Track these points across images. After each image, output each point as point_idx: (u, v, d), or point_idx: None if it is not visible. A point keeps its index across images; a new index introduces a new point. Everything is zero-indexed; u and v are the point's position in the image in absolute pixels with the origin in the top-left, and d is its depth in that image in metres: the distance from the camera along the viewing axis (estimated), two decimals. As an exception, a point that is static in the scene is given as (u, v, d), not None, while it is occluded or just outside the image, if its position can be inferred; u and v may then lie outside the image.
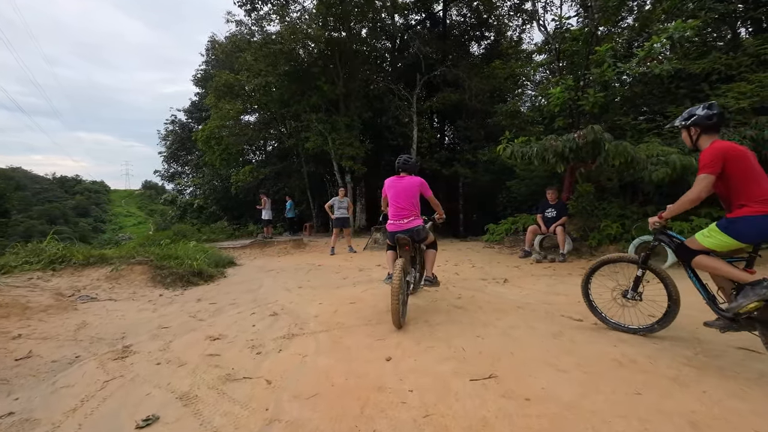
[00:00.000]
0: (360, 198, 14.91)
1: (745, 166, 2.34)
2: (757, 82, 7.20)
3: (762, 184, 2.31)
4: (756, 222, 2.25)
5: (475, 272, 6.08)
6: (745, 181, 2.32)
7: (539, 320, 3.48)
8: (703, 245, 2.46)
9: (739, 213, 2.31)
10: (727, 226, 2.35)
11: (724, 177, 2.37)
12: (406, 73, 15.18)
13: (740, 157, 2.34)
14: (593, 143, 5.75)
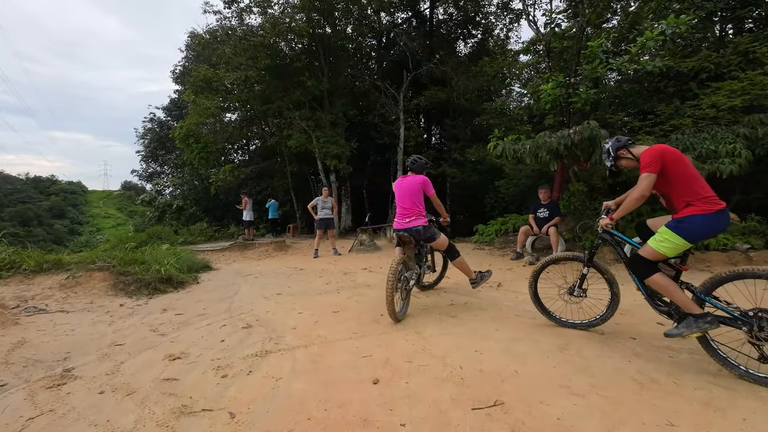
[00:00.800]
0: (345, 198, 14.49)
1: (684, 165, 2.41)
2: (747, 80, 7.12)
3: (704, 184, 2.38)
4: (704, 221, 2.29)
5: (464, 276, 5.74)
6: (686, 180, 2.37)
7: (541, 330, 3.16)
8: (658, 252, 2.40)
9: (687, 212, 2.33)
10: (676, 226, 2.35)
11: (664, 177, 2.41)
12: (393, 71, 14.85)
13: (677, 158, 2.41)
14: (589, 140, 5.51)
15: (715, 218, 2.29)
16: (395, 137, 13.49)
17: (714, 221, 2.30)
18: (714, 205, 2.30)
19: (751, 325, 2.17)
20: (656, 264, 2.46)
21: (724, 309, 2.29)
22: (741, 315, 2.23)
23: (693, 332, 2.27)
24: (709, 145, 6.35)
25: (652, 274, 2.41)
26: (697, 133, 6.82)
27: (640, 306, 3.55)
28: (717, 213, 2.29)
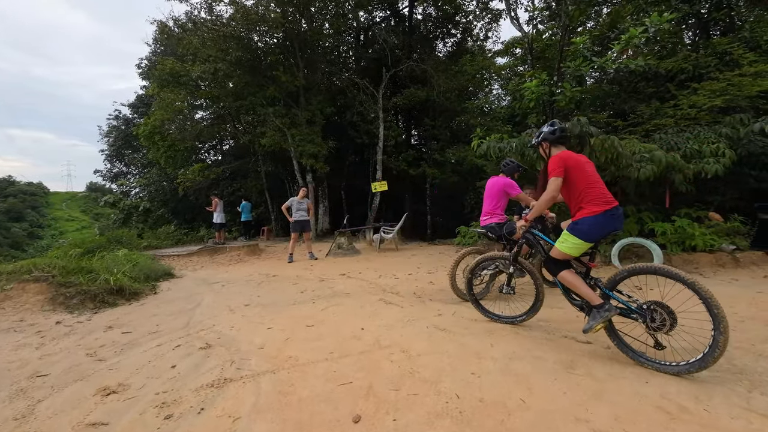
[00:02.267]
0: (323, 199, 13.97)
1: (583, 172, 2.60)
2: (726, 80, 7.13)
3: (597, 188, 2.56)
4: (593, 221, 2.49)
5: (452, 281, 5.40)
6: (582, 185, 2.57)
7: (542, 346, 2.82)
8: (563, 252, 2.61)
9: (580, 215, 2.55)
10: (573, 228, 2.56)
11: (566, 183, 2.62)
12: (372, 68, 14.46)
13: (578, 165, 2.62)
14: (579, 137, 5.28)
15: (604, 218, 2.48)
16: (374, 136, 13.10)
17: (604, 221, 2.49)
18: (602, 206, 2.49)
19: (645, 317, 2.39)
20: (565, 262, 2.69)
21: (624, 302, 2.50)
22: (637, 308, 2.44)
23: (598, 322, 2.45)
24: (693, 144, 6.28)
25: (561, 272, 2.66)
26: (680, 133, 6.77)
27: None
28: (605, 213, 2.48)
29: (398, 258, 7.94)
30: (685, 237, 5.75)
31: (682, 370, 2.22)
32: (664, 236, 5.84)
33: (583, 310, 2.68)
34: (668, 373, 2.27)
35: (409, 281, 5.47)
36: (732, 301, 3.78)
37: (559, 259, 2.68)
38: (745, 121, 6.44)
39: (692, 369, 2.19)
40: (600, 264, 6.17)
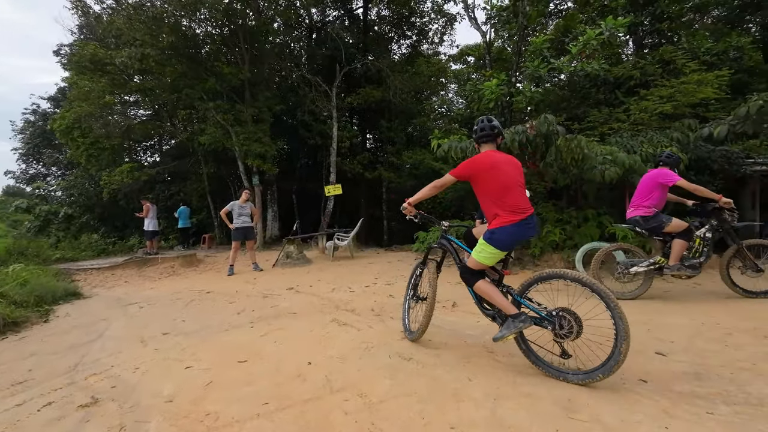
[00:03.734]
0: (272, 204, 12.97)
1: (499, 178, 2.44)
2: (672, 87, 7.35)
3: (513, 196, 2.44)
4: (508, 231, 2.40)
5: (414, 293, 4.88)
6: (497, 191, 2.44)
7: (526, 377, 2.33)
8: (480, 262, 2.50)
9: (495, 224, 2.44)
10: (489, 237, 2.45)
11: (478, 187, 2.55)
12: (325, 66, 13.77)
13: (494, 168, 2.45)
14: (545, 137, 5.01)
15: (519, 227, 2.41)
16: (328, 137, 12.39)
17: (519, 230, 2.42)
18: (518, 215, 2.40)
19: (554, 324, 2.29)
20: (480, 272, 2.58)
21: (534, 309, 2.41)
22: (547, 315, 2.35)
23: (512, 332, 2.35)
24: (647, 148, 6.31)
25: (477, 282, 2.53)
26: (635, 137, 6.82)
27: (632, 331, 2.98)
28: (520, 222, 2.41)
29: (354, 267, 7.31)
30: (644, 241, 5.69)
31: (586, 378, 2.17)
32: (624, 240, 5.75)
33: (495, 320, 2.57)
34: (573, 383, 2.19)
35: (366, 295, 4.86)
36: (709, 309, 3.60)
37: (475, 269, 2.55)
38: (693, 126, 6.61)
39: (595, 377, 2.13)
40: (563, 269, 5.98)
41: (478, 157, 2.53)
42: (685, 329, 3.03)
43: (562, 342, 2.29)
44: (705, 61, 8.34)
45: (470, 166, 2.51)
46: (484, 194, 2.51)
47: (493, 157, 2.49)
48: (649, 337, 2.88)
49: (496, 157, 2.51)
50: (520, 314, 2.37)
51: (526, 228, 2.43)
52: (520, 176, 2.55)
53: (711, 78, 7.11)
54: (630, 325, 3.22)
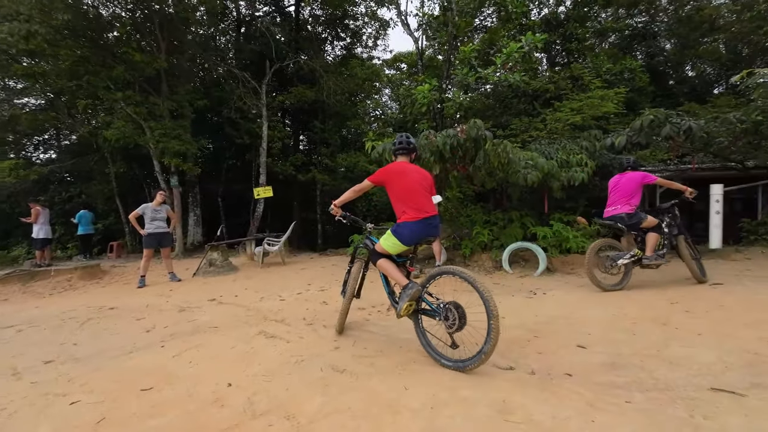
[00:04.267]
0: (194, 207, 11.91)
1: (405, 182, 2.80)
2: (580, 101, 8.16)
3: (417, 198, 2.77)
4: (410, 226, 2.73)
5: (349, 298, 4.71)
6: (404, 193, 2.79)
7: (465, 379, 2.30)
8: (384, 248, 2.83)
9: (401, 219, 2.77)
10: (395, 230, 2.78)
11: (389, 190, 2.87)
12: (254, 62, 13.06)
13: (401, 174, 2.83)
14: (474, 141, 5.18)
15: (420, 225, 2.72)
16: (257, 136, 11.73)
17: (420, 227, 2.73)
18: (421, 214, 2.72)
19: (440, 316, 2.51)
20: (383, 255, 2.86)
21: (427, 302, 2.68)
22: (436, 307, 2.58)
23: (405, 301, 2.61)
24: (562, 155, 6.88)
25: (379, 260, 2.85)
26: (551, 144, 7.41)
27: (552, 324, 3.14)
28: (422, 220, 2.72)
29: (285, 273, 6.92)
30: (561, 240, 6.18)
31: (468, 365, 2.35)
32: (545, 240, 6.19)
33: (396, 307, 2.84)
34: (459, 370, 2.39)
35: (298, 303, 4.58)
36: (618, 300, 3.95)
37: (379, 252, 2.87)
38: (599, 136, 7.37)
39: (475, 363, 2.32)
40: (492, 269, 6.26)
41: (390, 165, 2.91)
42: (600, 321, 3.27)
43: (452, 333, 2.48)
44: (606, 79, 9.41)
45: (383, 172, 2.87)
46: (394, 196, 2.84)
47: (402, 166, 2.88)
48: (571, 330, 3.05)
49: (405, 166, 2.90)
50: (408, 283, 2.66)
51: (428, 226, 2.76)
52: (426, 183, 2.91)
53: (611, 94, 8.02)
54: (553, 320, 3.43)
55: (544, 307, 3.85)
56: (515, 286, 5.07)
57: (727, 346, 2.52)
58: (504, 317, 3.49)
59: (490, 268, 6.17)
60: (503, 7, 8.45)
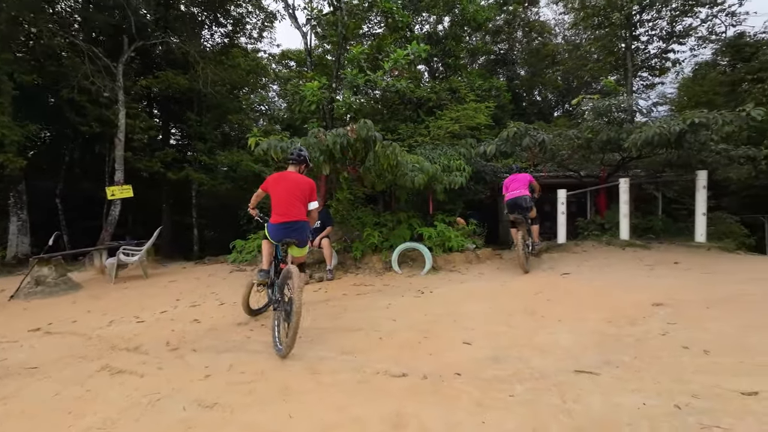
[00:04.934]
0: (18, 210, 9.32)
1: (278, 190, 3.32)
2: (458, 111, 8.92)
3: (283, 204, 3.26)
4: (272, 227, 3.28)
5: (226, 313, 4.14)
6: (275, 199, 3.30)
7: (355, 395, 2.12)
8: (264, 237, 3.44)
9: (270, 220, 3.33)
10: (267, 226, 3.35)
11: (270, 196, 3.38)
12: (108, 36, 10.92)
13: (275, 183, 3.36)
14: (364, 141, 5.12)
15: (279, 227, 3.24)
16: (111, 125, 9.80)
17: (278, 229, 3.25)
18: (281, 218, 3.22)
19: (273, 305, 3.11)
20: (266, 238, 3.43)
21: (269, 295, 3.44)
22: (273, 299, 3.22)
23: (256, 280, 3.40)
24: (443, 160, 7.36)
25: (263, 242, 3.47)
26: (434, 150, 7.88)
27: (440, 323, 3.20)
28: (280, 224, 3.23)
29: (147, 289, 5.84)
30: (444, 239, 6.57)
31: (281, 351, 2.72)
32: (430, 240, 6.50)
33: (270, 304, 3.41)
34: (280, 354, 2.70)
35: (160, 324, 3.83)
36: (493, 293, 4.30)
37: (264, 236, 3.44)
38: (473, 145, 8.13)
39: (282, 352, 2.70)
40: (382, 270, 6.30)
41: (272, 175, 3.43)
42: (481, 315, 3.48)
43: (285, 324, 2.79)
44: (478, 94, 10.50)
45: (266, 181, 3.43)
46: (271, 201, 3.32)
47: (282, 175, 3.38)
48: (457, 327, 3.16)
49: (285, 175, 3.38)
50: (261, 270, 3.36)
51: (286, 230, 3.24)
52: (298, 191, 3.31)
53: (483, 107, 8.95)
54: (440, 318, 3.52)
55: (432, 306, 3.96)
56: (404, 286, 5.16)
57: (581, 329, 2.89)
58: (395, 320, 3.48)
59: (380, 270, 6.21)
60: (390, 16, 8.74)
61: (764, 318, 2.88)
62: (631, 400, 1.83)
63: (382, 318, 3.56)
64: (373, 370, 2.40)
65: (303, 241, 3.33)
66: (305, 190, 3.34)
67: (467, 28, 11.70)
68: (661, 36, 14.08)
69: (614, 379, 2.08)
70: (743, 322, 2.82)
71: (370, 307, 4.05)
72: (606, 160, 8.33)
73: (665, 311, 3.21)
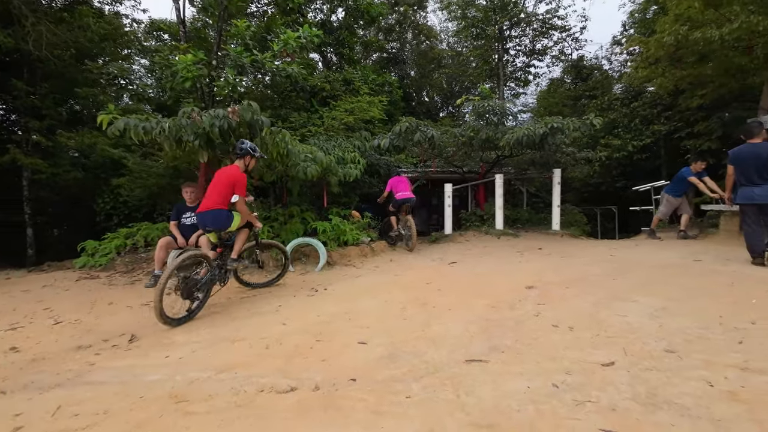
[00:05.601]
0: None
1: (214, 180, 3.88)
2: (352, 103, 8.82)
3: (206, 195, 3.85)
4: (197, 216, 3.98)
5: (62, 335, 3.26)
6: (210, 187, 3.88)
7: (226, 425, 1.78)
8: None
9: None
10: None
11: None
12: None
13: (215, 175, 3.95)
14: (249, 126, 4.57)
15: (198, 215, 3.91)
16: None
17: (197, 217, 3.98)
18: (200, 209, 3.82)
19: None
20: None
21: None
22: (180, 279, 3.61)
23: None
24: (338, 152, 7.17)
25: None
26: (328, 141, 7.63)
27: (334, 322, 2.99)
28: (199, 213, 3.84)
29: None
30: (339, 233, 6.40)
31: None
32: (324, 234, 6.26)
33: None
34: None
35: None
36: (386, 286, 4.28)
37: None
38: (367, 138, 8.12)
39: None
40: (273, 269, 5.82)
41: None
42: (376, 311, 3.39)
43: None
44: (372, 88, 10.58)
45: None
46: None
47: (221, 169, 3.94)
48: (352, 326, 3.00)
49: (222, 169, 3.94)
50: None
51: (200, 217, 3.83)
52: (219, 183, 3.73)
53: (376, 101, 9.02)
54: (334, 317, 3.31)
55: (326, 304, 3.75)
56: (297, 284, 4.84)
57: (468, 317, 3.01)
58: (285, 323, 3.16)
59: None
60: (280, -6, 8.14)
61: (606, 293, 3.41)
62: (518, 385, 1.90)
63: (270, 323, 3.21)
64: (257, 388, 2.07)
65: (219, 228, 3.81)
66: (225, 181, 3.76)
67: (361, 21, 11.67)
68: (525, 52, 16.22)
69: (501, 364, 2.16)
70: (593, 298, 3.28)
71: (257, 312, 3.64)
72: (485, 157, 9.19)
73: (535, 293, 3.57)
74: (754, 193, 4.11)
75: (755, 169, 4.10)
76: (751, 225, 4.15)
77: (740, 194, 4.27)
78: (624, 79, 13.37)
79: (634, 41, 9.80)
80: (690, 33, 6.77)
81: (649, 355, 2.14)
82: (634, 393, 1.76)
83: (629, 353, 2.18)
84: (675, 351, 2.17)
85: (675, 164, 11.93)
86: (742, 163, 4.22)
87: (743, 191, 4.23)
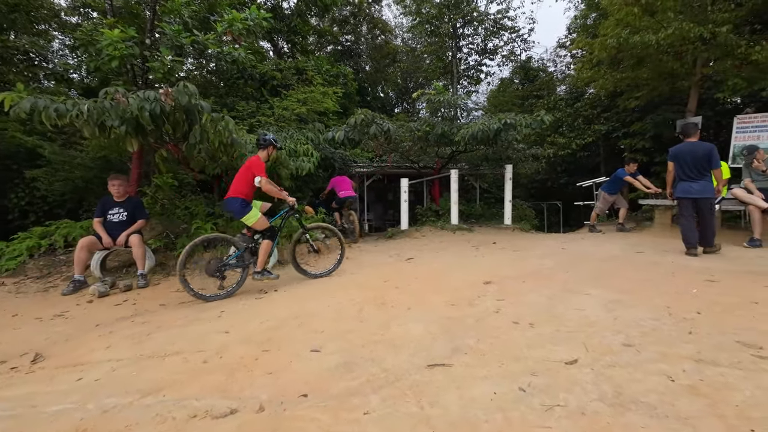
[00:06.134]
0: None
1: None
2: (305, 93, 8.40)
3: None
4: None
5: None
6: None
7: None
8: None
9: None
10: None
11: None
12: None
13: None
14: (186, 111, 4.08)
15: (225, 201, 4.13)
16: None
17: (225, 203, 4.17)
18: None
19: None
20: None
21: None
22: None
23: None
24: (290, 144, 6.78)
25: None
26: (279, 132, 7.19)
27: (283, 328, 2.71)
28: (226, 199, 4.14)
29: None
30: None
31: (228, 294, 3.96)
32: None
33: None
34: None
35: None
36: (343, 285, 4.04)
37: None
38: (321, 130, 7.78)
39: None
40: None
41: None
42: (331, 313, 3.15)
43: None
44: (326, 79, 10.19)
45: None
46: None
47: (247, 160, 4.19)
48: (304, 332, 2.73)
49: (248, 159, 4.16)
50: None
51: (227, 203, 4.04)
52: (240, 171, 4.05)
53: (330, 92, 8.68)
54: (284, 323, 3.01)
55: (275, 308, 3.44)
56: (245, 286, 4.45)
57: (428, 317, 2.86)
58: (228, 332, 2.84)
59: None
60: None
61: (560, 287, 3.44)
62: (483, 390, 1.77)
63: (210, 332, 2.85)
64: (189, 413, 1.76)
65: (236, 214, 3.99)
66: (244, 169, 4.01)
67: (314, 8, 11.19)
68: (477, 50, 16.58)
69: (465, 367, 2.02)
70: (549, 292, 3.29)
71: (196, 319, 3.25)
72: (440, 152, 9.20)
73: (494, 288, 3.52)
74: (691, 188, 4.41)
75: (693, 165, 4.41)
76: (687, 218, 4.44)
77: (679, 188, 4.57)
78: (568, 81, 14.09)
79: (580, 42, 10.31)
80: (630, 36, 7.20)
81: (609, 350, 2.11)
82: (600, 393, 1.69)
83: (590, 349, 2.14)
84: (632, 344, 2.16)
85: (612, 161, 12.82)
86: (680, 159, 4.51)
87: (681, 186, 4.52)
